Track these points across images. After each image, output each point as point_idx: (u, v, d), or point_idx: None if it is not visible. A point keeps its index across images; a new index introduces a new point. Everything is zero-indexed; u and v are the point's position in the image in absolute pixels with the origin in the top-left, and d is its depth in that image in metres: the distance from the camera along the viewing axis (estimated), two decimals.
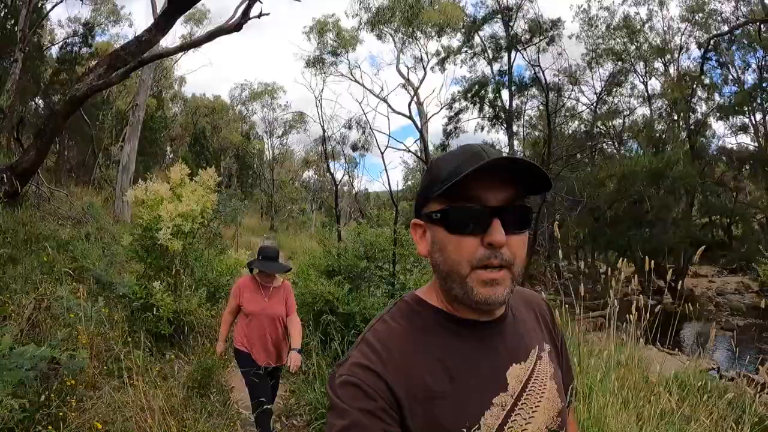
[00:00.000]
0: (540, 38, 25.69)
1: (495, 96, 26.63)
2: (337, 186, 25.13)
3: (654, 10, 25.11)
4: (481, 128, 27.68)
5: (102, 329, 3.91)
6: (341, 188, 38.74)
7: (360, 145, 27.98)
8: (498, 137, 28.70)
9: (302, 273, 6.70)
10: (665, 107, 25.96)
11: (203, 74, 75.74)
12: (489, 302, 0.88)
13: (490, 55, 25.94)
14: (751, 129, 25.54)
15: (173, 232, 5.36)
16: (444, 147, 29.22)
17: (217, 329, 6.11)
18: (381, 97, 25.87)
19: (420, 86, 26.89)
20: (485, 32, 25.76)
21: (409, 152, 29.83)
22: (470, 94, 26.88)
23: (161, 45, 11.61)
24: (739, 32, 20.17)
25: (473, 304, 0.90)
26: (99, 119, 20.12)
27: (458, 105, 27.58)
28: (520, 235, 0.90)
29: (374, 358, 0.88)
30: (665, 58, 25.54)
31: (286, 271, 4.28)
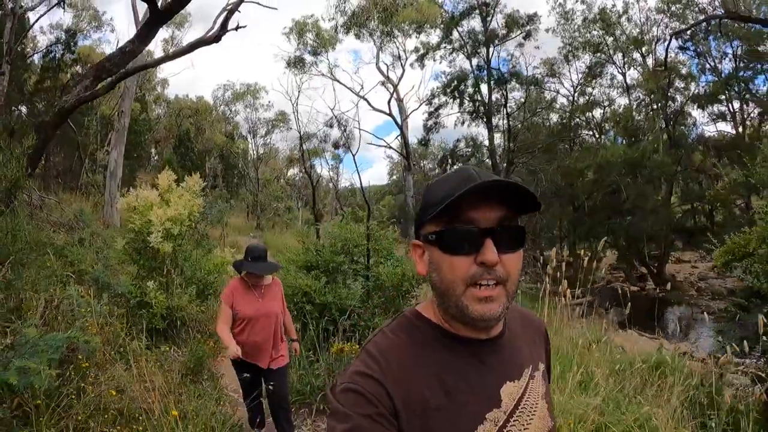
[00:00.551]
0: (517, 33, 26.27)
1: (474, 90, 27.06)
2: (315, 187, 25.57)
3: (630, 2, 25.37)
4: (462, 122, 28.02)
5: (108, 321, 4.43)
6: (327, 185, 39.22)
7: (341, 143, 28.39)
8: (479, 131, 29.11)
9: (283, 269, 7.19)
10: (643, 98, 26.33)
11: (186, 74, 75.62)
12: (484, 318, 0.92)
13: (469, 50, 26.37)
14: (729, 117, 26.10)
15: (163, 235, 5.76)
16: (425, 142, 29.71)
17: (207, 324, 6.64)
18: (361, 95, 26.31)
19: (399, 83, 27.27)
20: (464, 27, 26.05)
21: (390, 148, 30.28)
22: (449, 89, 27.21)
23: (145, 52, 12.01)
24: (714, 23, 20.55)
25: (469, 321, 0.93)
26: (84, 125, 20.26)
27: (438, 100, 27.91)
28: (514, 254, 0.92)
29: (375, 367, 0.91)
30: (642, 50, 25.79)
31: (277, 270, 4.21)
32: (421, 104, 28.09)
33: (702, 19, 20.03)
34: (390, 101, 26.94)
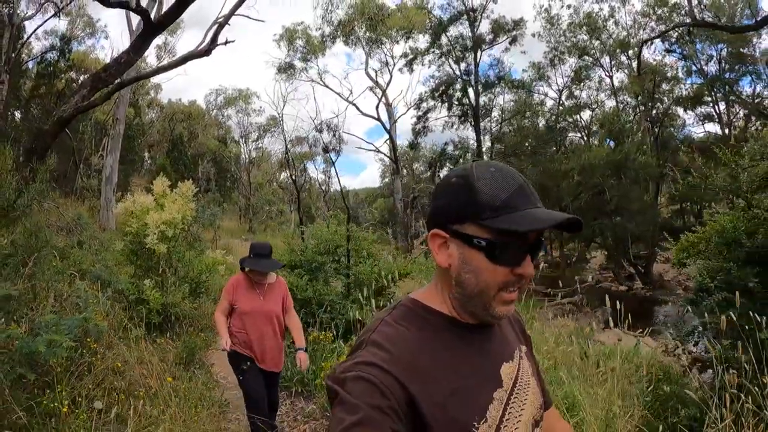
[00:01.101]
0: (503, 38, 26.88)
1: (462, 94, 27.55)
2: (299, 192, 26.13)
3: (616, 7, 25.67)
4: (450, 125, 28.55)
5: (111, 312, 4.97)
6: (318, 188, 39.67)
7: (331, 147, 28.92)
8: (467, 134, 29.63)
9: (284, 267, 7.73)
10: (630, 100, 26.67)
11: (179, 79, 76.05)
12: (503, 317, 0.98)
13: (457, 55, 26.95)
14: (716, 118, 26.67)
15: (159, 238, 6.28)
16: (414, 146, 30.23)
17: (199, 319, 7.16)
18: (350, 101, 26.87)
19: (387, 88, 27.82)
20: (451, 33, 26.60)
21: (379, 152, 30.86)
22: (437, 93, 27.71)
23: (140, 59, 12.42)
24: (684, 30, 20.92)
25: (489, 318, 0.98)
26: (79, 131, 20.61)
27: (426, 104, 28.39)
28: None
29: (387, 358, 0.89)
30: (629, 53, 26.09)
31: (280, 268, 4.18)
32: (410, 108, 28.65)
33: (671, 26, 20.58)
34: (378, 106, 27.50)
